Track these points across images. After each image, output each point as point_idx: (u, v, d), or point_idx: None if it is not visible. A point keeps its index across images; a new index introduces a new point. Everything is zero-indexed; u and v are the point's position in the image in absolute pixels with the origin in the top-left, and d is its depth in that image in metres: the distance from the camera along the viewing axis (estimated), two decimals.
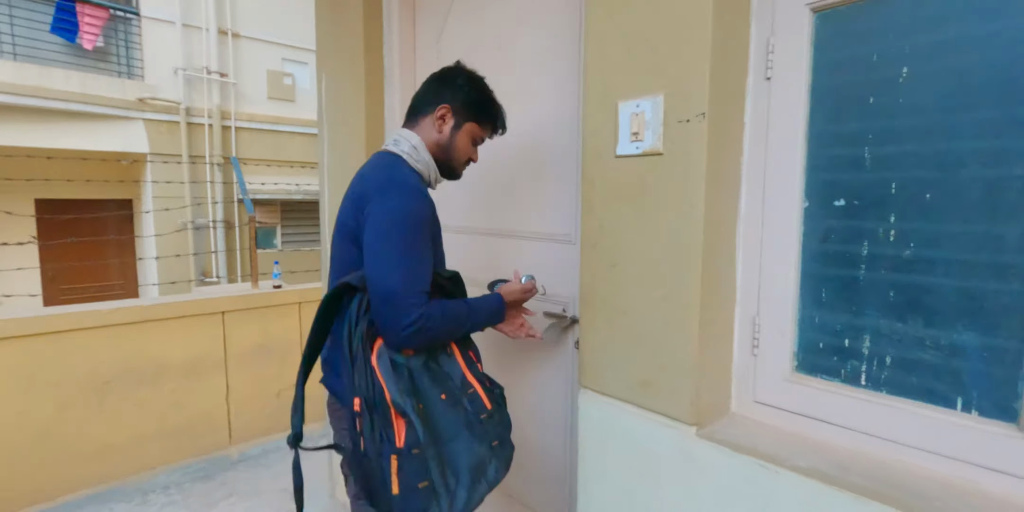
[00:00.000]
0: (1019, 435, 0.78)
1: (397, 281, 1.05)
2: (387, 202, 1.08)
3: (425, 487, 1.01)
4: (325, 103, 2.12)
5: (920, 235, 0.87)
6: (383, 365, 1.04)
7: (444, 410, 1.08)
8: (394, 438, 1.00)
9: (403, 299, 1.04)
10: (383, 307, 1.05)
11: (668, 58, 0.99)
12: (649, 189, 1.04)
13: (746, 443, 0.97)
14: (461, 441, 1.07)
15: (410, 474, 1.00)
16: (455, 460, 1.06)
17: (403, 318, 1.04)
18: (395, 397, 1.02)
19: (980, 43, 0.80)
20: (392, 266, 1.05)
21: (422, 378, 1.08)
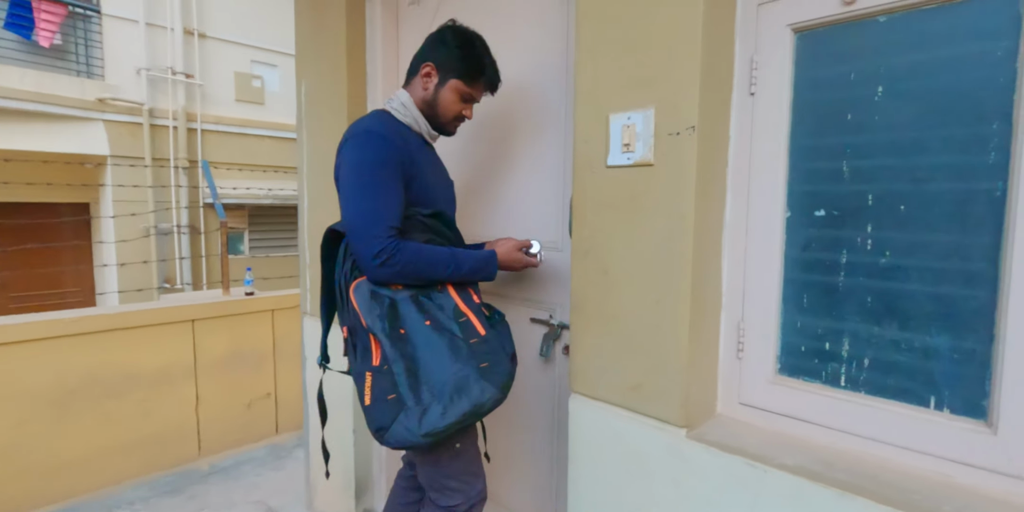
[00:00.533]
0: (987, 431, 0.84)
1: (358, 216, 1.16)
2: (349, 149, 1.21)
3: (392, 399, 1.11)
4: (305, 110, 2.11)
5: (895, 244, 0.92)
6: (360, 295, 1.18)
7: (426, 334, 1.16)
8: (371, 358, 1.14)
9: (365, 232, 1.15)
10: (351, 242, 1.17)
11: (658, 73, 1.03)
12: (640, 198, 1.08)
13: (734, 443, 1.00)
14: (438, 361, 1.14)
15: (381, 387, 1.12)
16: (431, 377, 1.13)
17: (367, 250, 1.14)
18: (368, 321, 1.14)
19: (947, 66, 0.86)
20: (353, 203, 1.17)
21: (407, 307, 1.18)
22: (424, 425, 1.10)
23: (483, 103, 1.59)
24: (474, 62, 1.28)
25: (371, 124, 1.25)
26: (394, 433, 1.11)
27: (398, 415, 1.12)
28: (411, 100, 1.31)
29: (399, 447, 1.13)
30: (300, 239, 2.22)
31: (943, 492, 0.84)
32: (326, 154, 2.01)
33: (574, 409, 1.23)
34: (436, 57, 1.28)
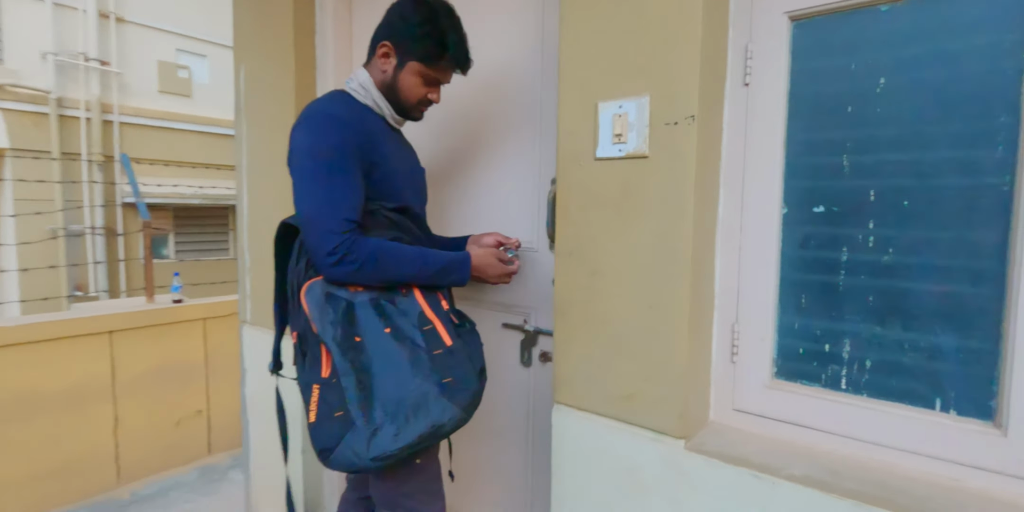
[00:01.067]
0: (995, 432, 0.82)
1: (311, 207, 1.04)
2: (298, 133, 1.08)
3: (340, 416, 1.00)
4: (245, 98, 1.91)
5: (899, 241, 0.89)
6: (311, 298, 1.05)
7: (384, 343, 1.04)
8: (320, 368, 1.02)
9: (320, 225, 1.03)
10: (305, 237, 1.06)
11: (653, 59, 0.96)
12: (633, 193, 1.00)
13: (736, 454, 0.94)
14: (395, 375, 1.03)
15: (328, 402, 1.00)
16: (385, 393, 1.01)
17: (322, 245, 1.02)
18: (319, 327, 1.03)
19: (952, 57, 0.84)
20: (306, 193, 1.05)
21: (366, 311, 1.05)
22: (373, 448, 0.98)
23: (451, 88, 1.47)
24: (435, 41, 1.13)
25: (326, 105, 1.11)
26: (339, 455, 0.99)
27: (344, 435, 0.99)
28: (371, 81, 1.17)
29: (344, 470, 1.00)
30: (239, 241, 2.01)
31: (955, 497, 0.81)
32: (269, 147, 1.83)
33: (558, 421, 1.14)
34: (393, 35, 1.14)
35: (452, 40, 1.14)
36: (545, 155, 1.34)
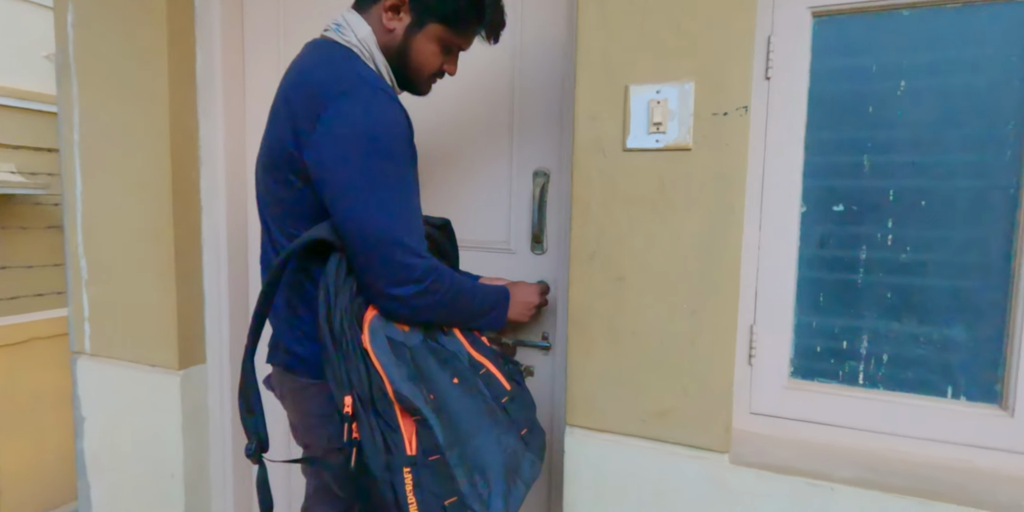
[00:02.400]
0: (1003, 414, 0.89)
1: (388, 221, 0.76)
2: (354, 110, 0.75)
3: (453, 503, 0.76)
4: (75, 53, 1.40)
5: (916, 239, 0.93)
6: (378, 346, 0.77)
7: (460, 398, 0.80)
8: (403, 444, 0.75)
9: (402, 245, 0.77)
10: (370, 261, 0.77)
11: (698, 40, 0.87)
12: (670, 189, 0.91)
13: (780, 462, 0.91)
14: (485, 435, 0.81)
15: (432, 489, 0.75)
16: (483, 461, 0.79)
17: (402, 271, 0.77)
18: (399, 387, 0.76)
19: (967, 65, 0.89)
20: (376, 203, 0.76)
21: (427, 360, 0.80)
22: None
23: None
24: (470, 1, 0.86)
25: (362, 70, 0.80)
26: None
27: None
28: (373, 37, 0.85)
29: None
30: (67, 244, 1.48)
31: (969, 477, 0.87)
32: (121, 120, 1.36)
33: (572, 446, 1.00)
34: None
35: (494, 3, 0.90)
36: (523, 143, 1.18)
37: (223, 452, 1.50)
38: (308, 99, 0.76)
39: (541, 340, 1.19)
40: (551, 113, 1.14)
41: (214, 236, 1.42)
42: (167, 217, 1.33)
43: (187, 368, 1.41)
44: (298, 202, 0.80)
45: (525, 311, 1.01)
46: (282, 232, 0.84)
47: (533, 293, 1.03)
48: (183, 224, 1.36)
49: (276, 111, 0.81)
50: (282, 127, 0.78)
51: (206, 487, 1.49)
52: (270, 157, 0.81)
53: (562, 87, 1.12)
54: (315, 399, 0.85)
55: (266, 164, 0.82)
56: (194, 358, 1.43)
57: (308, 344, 0.84)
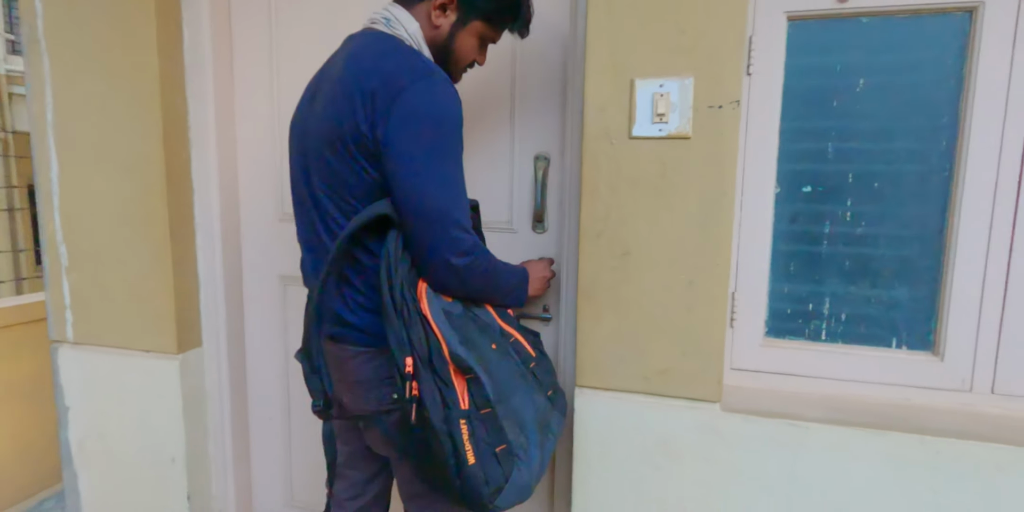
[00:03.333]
0: (935, 359, 1.08)
1: (446, 199, 0.85)
2: (426, 95, 0.83)
3: (504, 450, 0.86)
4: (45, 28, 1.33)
5: (870, 215, 1.09)
6: (436, 313, 0.86)
7: (498, 361, 0.90)
8: (458, 399, 0.84)
9: (454, 222, 0.86)
10: (428, 234, 0.85)
11: (697, 39, 0.98)
12: (672, 174, 1.02)
13: (764, 407, 1.06)
14: (521, 394, 0.92)
15: (484, 438, 0.85)
16: (521, 416, 0.90)
17: (457, 245, 0.86)
18: (455, 349, 0.85)
19: (913, 66, 1.04)
20: (440, 180, 0.85)
21: (469, 327, 0.89)
22: (536, 477, 0.89)
23: None
24: (511, 2, 0.96)
25: (426, 63, 0.87)
26: (508, 493, 0.85)
27: (512, 470, 0.85)
28: (420, 32, 0.92)
29: (508, 507, 0.87)
30: (43, 230, 1.42)
31: (903, 411, 1.05)
32: (102, 100, 1.32)
33: (581, 405, 1.12)
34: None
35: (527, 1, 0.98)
36: (524, 128, 1.26)
37: (222, 434, 1.52)
38: (383, 86, 0.82)
39: (543, 312, 1.29)
40: (552, 100, 1.22)
41: (207, 218, 1.41)
42: (160, 199, 1.32)
43: (185, 352, 1.41)
44: (360, 179, 0.86)
45: (541, 286, 1.12)
46: (337, 207, 0.89)
47: (545, 268, 1.13)
48: (176, 206, 1.35)
49: (339, 94, 0.85)
50: (351, 108, 0.83)
51: (206, 470, 1.51)
52: (332, 135, 0.85)
53: (562, 76, 1.21)
54: (366, 365, 0.91)
55: (327, 141, 0.86)
56: (191, 342, 1.43)
57: (362, 313, 0.90)
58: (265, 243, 1.48)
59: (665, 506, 1.10)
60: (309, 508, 1.56)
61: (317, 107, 0.90)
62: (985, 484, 0.94)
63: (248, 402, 1.58)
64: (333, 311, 0.92)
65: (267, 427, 1.57)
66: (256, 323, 1.53)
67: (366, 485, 1.10)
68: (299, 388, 1.52)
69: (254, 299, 1.52)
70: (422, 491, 0.97)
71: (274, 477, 1.59)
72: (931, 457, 0.97)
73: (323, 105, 0.88)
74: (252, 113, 1.44)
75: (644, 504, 1.11)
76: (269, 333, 1.52)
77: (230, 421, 1.52)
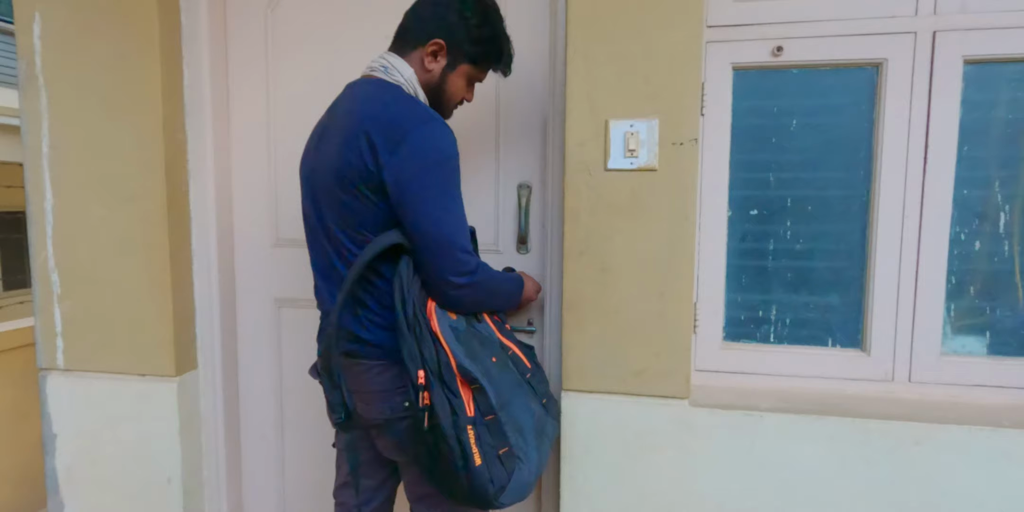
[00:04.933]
0: (863, 355, 1.28)
1: (451, 227, 0.98)
2: (429, 138, 0.95)
3: (506, 452, 0.98)
4: (43, 63, 1.37)
5: (805, 234, 1.29)
6: (444, 330, 0.98)
7: (499, 372, 1.02)
8: (464, 408, 0.96)
9: (459, 247, 0.98)
10: (437, 258, 0.97)
11: (661, 88, 1.15)
12: (642, 200, 1.18)
13: (724, 402, 1.23)
14: (519, 402, 1.04)
15: (489, 441, 0.96)
16: (520, 422, 1.02)
17: (459, 267, 0.98)
18: (462, 362, 0.96)
19: (834, 110, 1.25)
20: (445, 210, 0.97)
21: (472, 341, 1.01)
22: (535, 476, 1.01)
23: None
24: (495, 46, 1.08)
25: (426, 109, 0.99)
26: (511, 492, 0.96)
27: (514, 470, 0.97)
28: (415, 77, 1.05)
29: (508, 506, 0.98)
30: (35, 259, 1.45)
31: (840, 399, 1.24)
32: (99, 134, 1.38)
33: (568, 407, 1.25)
34: (449, 34, 1.04)
35: (505, 44, 1.11)
36: (508, 161, 1.40)
37: (216, 455, 1.56)
38: (389, 131, 0.93)
39: (527, 325, 1.42)
40: (532, 137, 1.37)
41: (204, 245, 1.47)
42: (161, 228, 1.38)
43: (182, 374, 1.45)
44: (370, 213, 0.96)
45: (533, 293, 1.26)
46: (350, 238, 0.99)
47: (532, 278, 1.28)
48: (175, 235, 1.41)
49: (348, 138, 0.95)
50: (358, 150, 0.93)
51: (201, 491, 1.54)
52: (342, 175, 0.95)
53: (542, 115, 1.36)
54: (378, 377, 1.01)
55: (337, 180, 0.96)
56: (187, 364, 1.47)
57: (375, 330, 1.01)
58: (259, 268, 1.55)
59: (644, 492, 1.24)
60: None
61: (324, 149, 1.01)
62: (906, 455, 1.13)
63: (241, 421, 1.62)
64: (349, 330, 1.02)
65: (260, 445, 1.62)
66: (250, 344, 1.59)
67: (375, 491, 1.19)
68: (292, 406, 1.58)
69: (248, 321, 1.58)
70: (430, 492, 1.07)
71: (267, 494, 1.63)
72: (862, 436, 1.15)
73: (331, 148, 0.99)
74: (247, 146, 1.52)
75: (626, 493, 1.25)
76: (263, 354, 1.58)
77: (224, 440, 1.57)
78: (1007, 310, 1.23)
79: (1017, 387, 1.21)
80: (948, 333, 1.25)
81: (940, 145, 1.19)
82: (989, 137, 1.20)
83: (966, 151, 1.20)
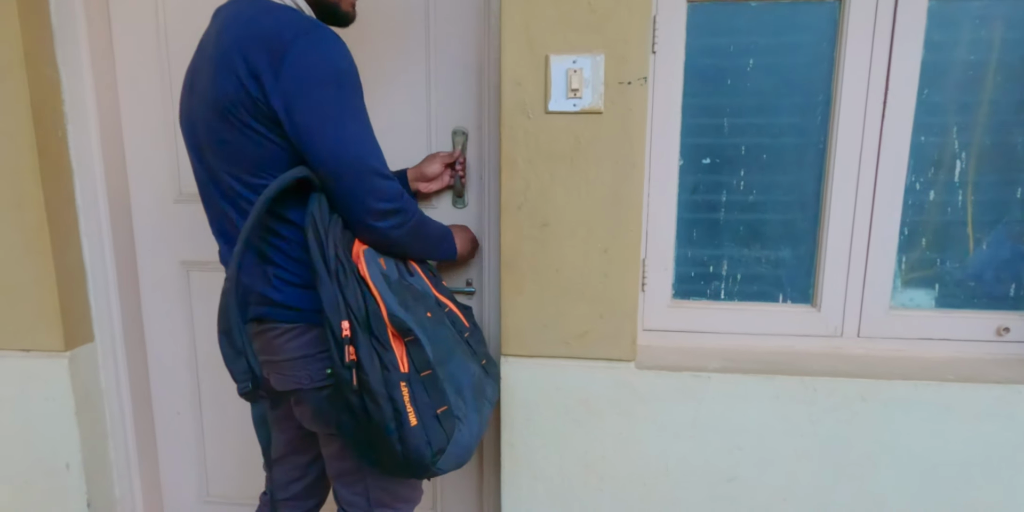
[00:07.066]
0: (813, 310, 1.23)
1: (360, 147, 0.83)
2: (315, 50, 0.79)
3: (444, 412, 0.88)
4: None
5: (759, 185, 1.21)
6: (375, 275, 0.86)
7: (434, 328, 0.91)
8: (397, 362, 0.84)
9: (374, 170, 0.84)
10: (353, 185, 0.83)
11: (607, 18, 1.02)
12: (585, 147, 1.07)
13: (672, 363, 1.17)
14: (457, 360, 0.94)
15: (425, 400, 0.86)
16: (458, 381, 0.93)
17: (380, 192, 0.84)
18: (394, 311, 0.85)
19: (794, 49, 1.15)
20: (349, 130, 0.82)
21: (406, 294, 0.89)
22: (476, 438, 0.91)
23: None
24: None
25: (306, 17, 0.82)
26: (450, 455, 0.86)
27: (453, 431, 0.86)
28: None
29: (450, 470, 0.89)
30: None
31: (790, 355, 1.20)
32: None
33: (507, 373, 1.17)
34: None
35: None
36: (440, 104, 1.24)
37: (123, 433, 1.41)
38: (265, 47, 0.77)
39: (467, 286, 1.31)
40: (468, 75, 1.22)
41: (92, 201, 1.28)
42: (33, 181, 1.17)
43: (74, 349, 1.28)
44: (264, 150, 0.81)
45: (469, 245, 1.14)
46: (246, 185, 0.84)
47: (467, 229, 1.16)
48: (53, 189, 1.21)
49: (219, 66, 0.79)
50: (234, 77, 0.77)
51: (107, 474, 1.40)
52: (221, 109, 0.79)
53: (477, 50, 1.20)
54: (293, 342, 0.88)
55: (218, 117, 0.80)
56: (81, 337, 1.30)
57: (287, 289, 0.87)
58: (162, 226, 1.36)
59: (587, 459, 1.18)
60: (227, 500, 1.50)
61: (199, 87, 0.84)
62: (852, 412, 1.11)
63: (152, 397, 1.47)
64: (257, 292, 0.88)
65: (175, 421, 1.48)
66: (157, 312, 1.42)
67: (308, 467, 1.08)
68: (210, 378, 1.44)
69: (153, 287, 1.40)
70: (351, 468, 0.97)
71: (186, 473, 1.51)
72: (809, 394, 1.11)
73: (204, 83, 0.82)
74: (138, 82, 1.30)
75: (569, 460, 1.18)
76: (172, 322, 1.42)
77: (132, 419, 1.42)
78: (956, 262, 1.20)
79: (962, 339, 1.19)
80: (898, 286, 1.21)
81: (901, 87, 1.12)
82: (949, 80, 1.13)
83: (925, 95, 1.13)
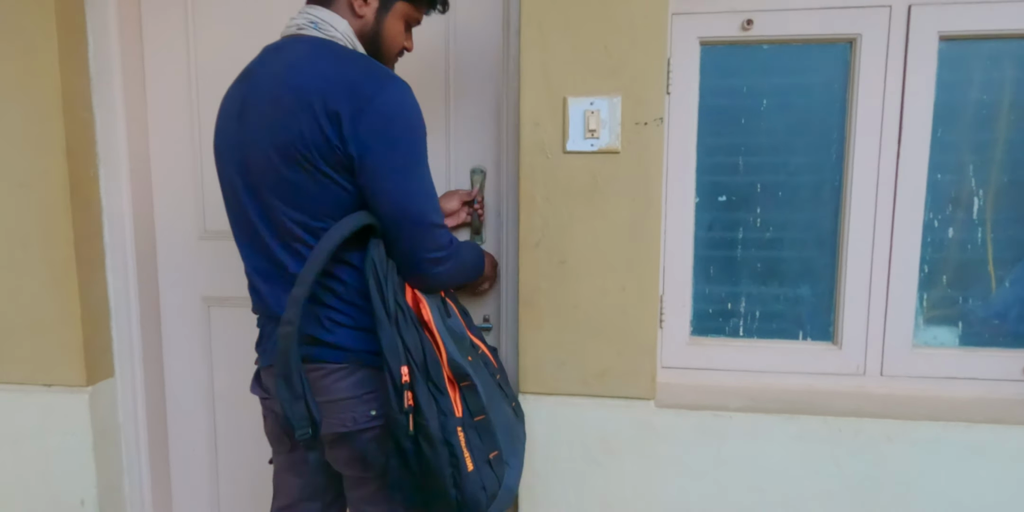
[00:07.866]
0: (834, 348, 1.22)
1: (426, 199, 0.87)
2: (395, 103, 0.82)
3: (496, 456, 0.89)
4: None
5: (775, 222, 1.22)
6: (437, 320, 0.88)
7: (478, 371, 0.92)
8: (452, 408, 0.86)
9: (435, 222, 0.88)
10: (414, 236, 0.86)
11: (623, 62, 1.05)
12: (603, 185, 1.08)
13: (692, 401, 1.15)
14: (498, 403, 0.94)
15: (479, 445, 0.87)
16: (503, 423, 0.93)
17: (435, 242, 0.88)
18: (454, 356, 0.87)
19: (807, 89, 1.18)
20: (417, 183, 0.87)
21: (447, 338, 0.90)
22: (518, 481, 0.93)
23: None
24: None
25: (380, 67, 0.86)
26: (500, 500, 0.87)
27: (503, 475, 0.88)
28: (351, 29, 0.90)
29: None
30: None
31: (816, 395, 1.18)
32: None
33: (525, 410, 1.15)
34: None
35: None
36: (460, 143, 1.28)
37: (139, 470, 1.40)
38: (347, 94, 0.79)
39: (484, 322, 1.31)
40: (486, 115, 1.25)
41: (119, 237, 1.31)
42: (64, 218, 1.21)
43: (95, 384, 1.29)
44: (327, 194, 0.83)
45: (491, 268, 1.17)
46: (301, 225, 0.85)
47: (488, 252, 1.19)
48: (82, 226, 1.24)
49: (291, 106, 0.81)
50: (313, 120, 0.79)
51: (121, 509, 1.38)
52: (293, 152, 0.81)
53: (495, 92, 1.24)
54: (341, 382, 0.88)
55: (284, 157, 0.82)
56: (102, 372, 1.31)
57: (337, 330, 0.88)
58: (185, 263, 1.39)
59: (606, 500, 1.15)
60: None
61: (254, 122, 0.85)
62: (878, 454, 1.08)
63: (169, 433, 1.47)
64: (306, 334, 0.88)
65: (191, 458, 1.47)
66: (177, 348, 1.43)
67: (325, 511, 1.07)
68: (226, 416, 1.44)
69: (174, 323, 1.42)
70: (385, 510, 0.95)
71: (200, 510, 1.49)
72: (833, 435, 1.09)
73: (268, 121, 0.83)
74: (168, 125, 1.35)
75: (588, 501, 1.16)
76: (191, 358, 1.43)
77: (147, 454, 1.41)
78: (979, 299, 1.19)
79: (989, 379, 1.16)
80: (920, 324, 1.20)
81: (915, 126, 1.13)
82: (963, 119, 1.15)
83: (940, 134, 1.14)
